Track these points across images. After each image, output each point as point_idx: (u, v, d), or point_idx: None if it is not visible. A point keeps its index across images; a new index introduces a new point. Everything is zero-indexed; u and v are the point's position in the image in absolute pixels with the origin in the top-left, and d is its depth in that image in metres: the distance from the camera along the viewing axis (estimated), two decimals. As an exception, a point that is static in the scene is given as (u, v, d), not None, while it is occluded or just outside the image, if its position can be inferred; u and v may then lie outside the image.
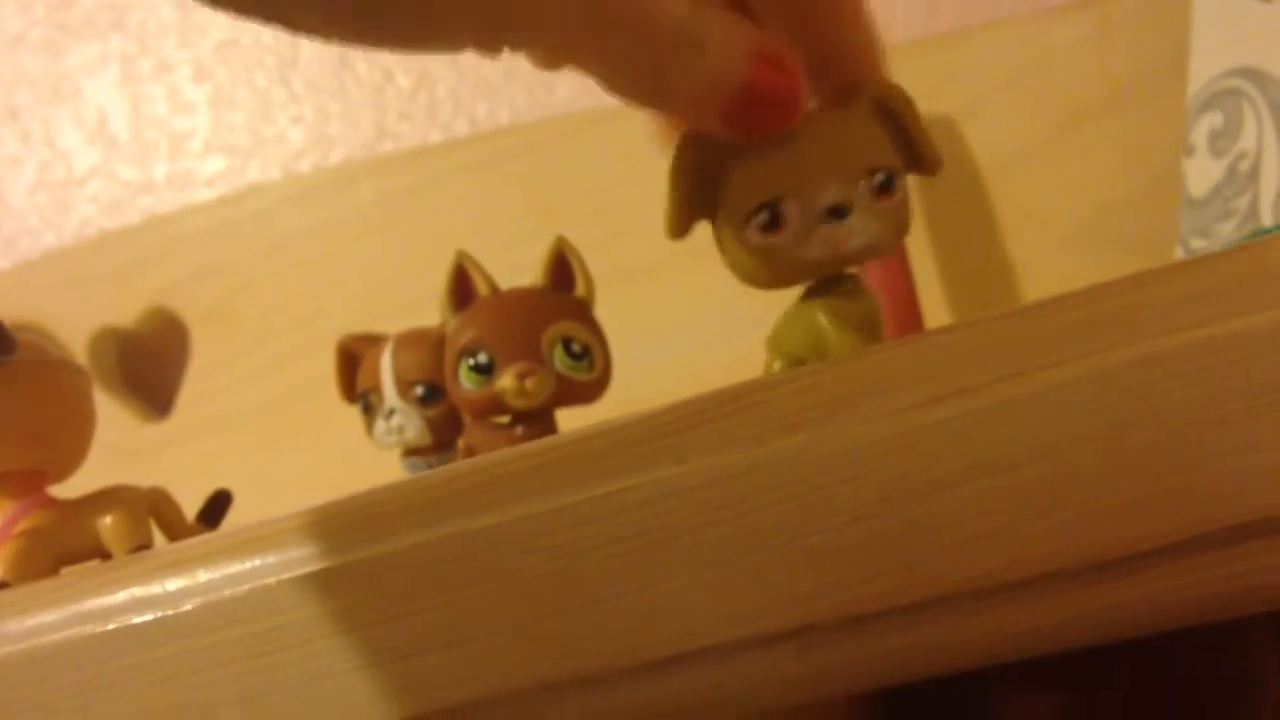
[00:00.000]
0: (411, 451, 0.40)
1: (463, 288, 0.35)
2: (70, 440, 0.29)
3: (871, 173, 0.24)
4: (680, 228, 0.26)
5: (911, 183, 0.25)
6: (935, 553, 0.19)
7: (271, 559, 0.21)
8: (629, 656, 0.19)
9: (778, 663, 0.19)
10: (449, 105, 0.67)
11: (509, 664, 0.20)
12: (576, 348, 0.34)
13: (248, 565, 0.21)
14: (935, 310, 0.53)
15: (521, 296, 0.35)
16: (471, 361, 0.34)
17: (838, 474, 0.19)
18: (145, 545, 0.28)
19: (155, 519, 0.29)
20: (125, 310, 0.68)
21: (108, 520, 0.28)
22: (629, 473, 0.20)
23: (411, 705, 0.21)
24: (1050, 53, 0.53)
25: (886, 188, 0.24)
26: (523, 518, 0.20)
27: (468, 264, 0.35)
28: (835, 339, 0.25)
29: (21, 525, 0.28)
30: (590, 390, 0.35)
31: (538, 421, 0.35)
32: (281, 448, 0.63)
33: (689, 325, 0.59)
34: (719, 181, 0.25)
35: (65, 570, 0.27)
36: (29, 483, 0.28)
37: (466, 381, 0.34)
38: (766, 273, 0.25)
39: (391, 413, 0.40)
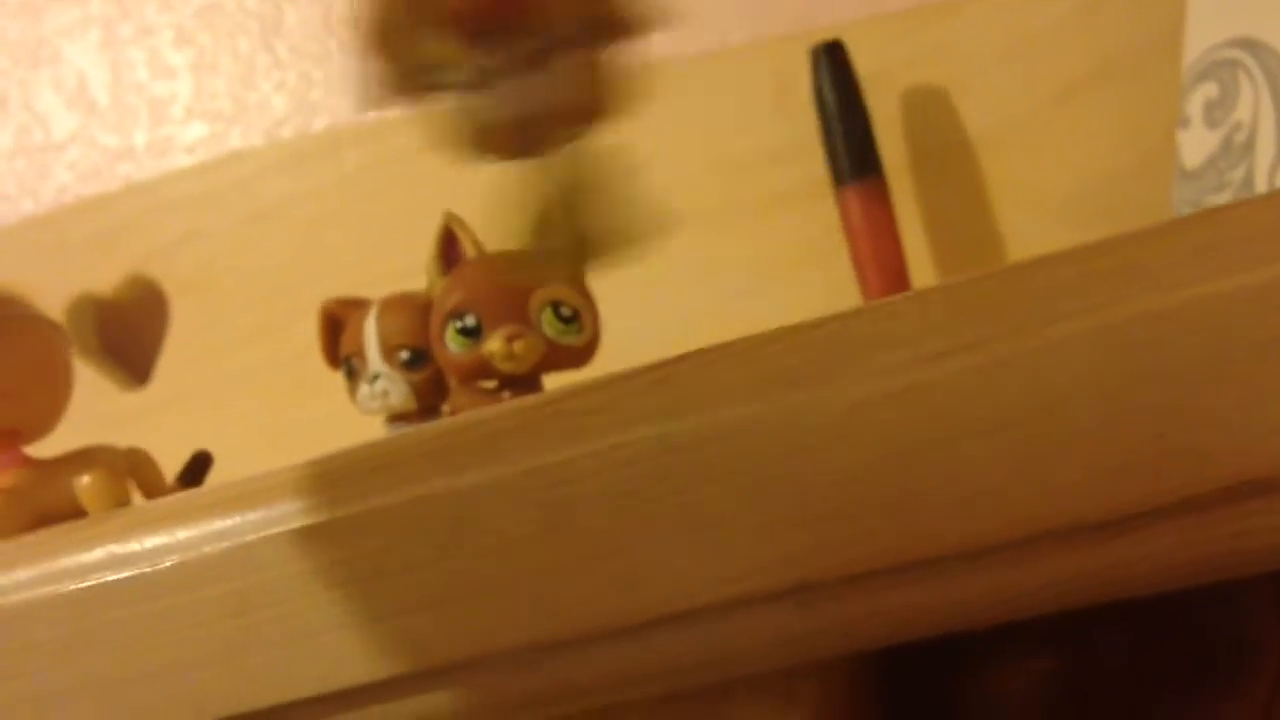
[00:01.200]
0: (396, 417, 0.40)
1: (450, 249, 0.35)
2: (46, 398, 0.28)
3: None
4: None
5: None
6: (932, 511, 0.19)
7: (253, 516, 0.21)
8: (620, 617, 0.19)
9: (772, 622, 0.19)
10: (435, 72, 0.66)
11: (496, 624, 0.20)
12: (566, 311, 0.34)
13: (228, 522, 0.21)
14: (925, 283, 0.53)
15: (511, 258, 0.34)
16: (459, 324, 0.33)
17: (834, 431, 0.19)
18: (123, 505, 0.28)
19: (134, 479, 0.29)
20: (104, 278, 0.67)
21: (85, 480, 0.27)
22: (619, 430, 0.19)
23: (395, 664, 0.20)
24: (1042, 25, 0.52)
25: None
26: (510, 475, 0.20)
27: (456, 225, 0.35)
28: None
29: (-3, 484, 0.27)
30: (579, 355, 0.34)
31: (525, 386, 0.34)
32: (263, 415, 0.62)
33: (670, 296, 0.58)
34: None
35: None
36: (4, 441, 0.28)
37: (453, 345, 0.34)
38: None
39: (376, 377, 0.39)
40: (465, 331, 0.33)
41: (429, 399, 0.39)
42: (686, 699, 0.22)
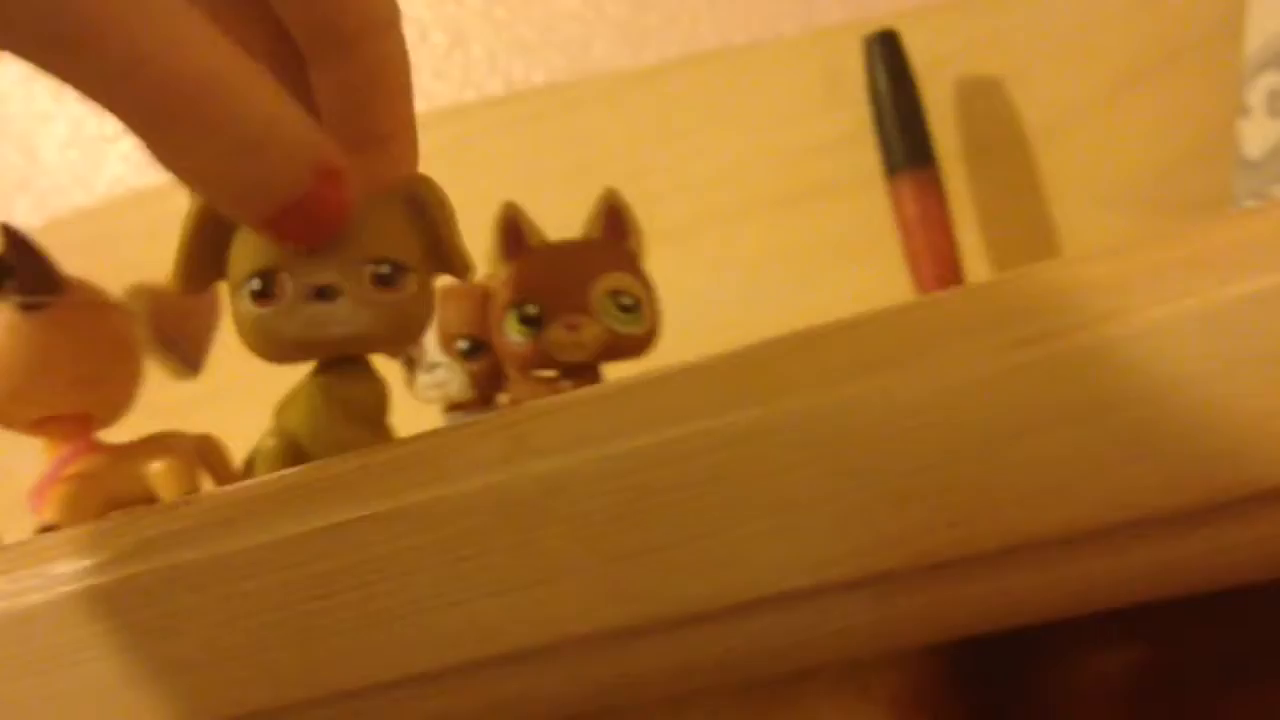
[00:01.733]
0: (453, 406, 0.40)
1: (512, 238, 0.34)
2: (119, 384, 0.28)
3: (376, 262, 0.24)
4: (184, 285, 0.26)
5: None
6: (1017, 499, 0.18)
7: (332, 501, 0.21)
8: (702, 602, 0.19)
9: (855, 610, 0.19)
10: (484, 64, 0.66)
11: (577, 609, 0.20)
12: (627, 300, 0.33)
13: (308, 507, 0.21)
14: (980, 275, 0.52)
15: (572, 248, 0.34)
16: (520, 313, 0.33)
17: (922, 416, 0.18)
18: (194, 492, 0.28)
19: (204, 466, 0.29)
20: (156, 269, 0.67)
21: (157, 466, 0.28)
22: (705, 415, 0.19)
23: (473, 649, 0.20)
24: (1100, 13, 0.52)
25: (388, 281, 0.24)
26: (593, 460, 0.19)
27: (517, 215, 0.35)
28: (325, 421, 0.25)
29: (71, 469, 0.27)
30: (639, 344, 0.34)
31: (585, 375, 0.34)
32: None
33: (722, 287, 0.58)
34: (228, 244, 0.25)
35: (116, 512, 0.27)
36: (77, 427, 0.28)
37: (514, 333, 0.34)
38: (259, 343, 0.25)
39: (434, 366, 0.39)
40: (526, 320, 0.33)
41: (487, 388, 0.39)
42: (763, 687, 0.21)
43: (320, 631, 0.20)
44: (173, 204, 0.72)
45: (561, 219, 0.34)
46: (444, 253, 0.26)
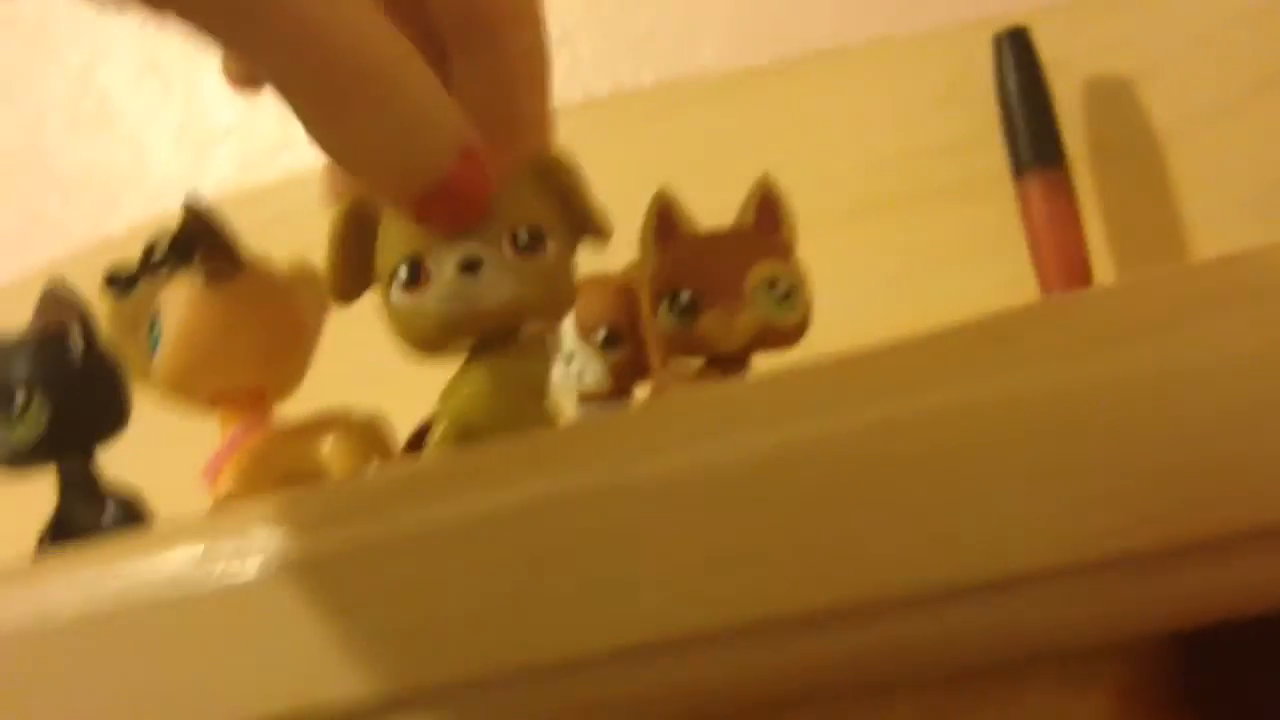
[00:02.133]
0: (588, 397, 0.39)
1: (665, 225, 0.34)
2: (294, 360, 0.28)
3: (515, 231, 0.24)
4: (342, 293, 0.26)
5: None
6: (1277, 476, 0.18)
7: (545, 473, 0.20)
8: (930, 582, 0.18)
9: (1090, 596, 0.18)
10: (591, 65, 0.66)
11: (791, 585, 0.19)
12: (782, 288, 0.33)
13: (520, 479, 0.21)
14: (1107, 278, 0.51)
15: (726, 235, 0.34)
16: (673, 300, 0.33)
17: (1172, 392, 0.18)
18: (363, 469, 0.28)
19: (372, 445, 0.29)
20: (263, 266, 0.68)
21: (329, 443, 0.28)
22: (943, 385, 0.18)
23: (685, 626, 0.20)
24: (1235, 12, 0.51)
25: (529, 247, 0.24)
26: (818, 432, 0.19)
27: (670, 202, 0.34)
28: (498, 401, 0.25)
29: (245, 444, 0.27)
30: (792, 334, 0.34)
31: (734, 365, 0.34)
32: (420, 409, 0.63)
33: (839, 287, 0.57)
34: (374, 247, 0.25)
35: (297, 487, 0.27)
36: (252, 402, 0.28)
37: (666, 321, 0.33)
38: (414, 332, 0.25)
39: (571, 357, 0.39)
40: (679, 308, 0.33)
41: (624, 380, 0.39)
42: (977, 677, 0.21)
43: (532, 603, 0.20)
44: (278, 204, 0.73)
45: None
46: (580, 217, 0.26)
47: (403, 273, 0.24)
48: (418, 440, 0.33)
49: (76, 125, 0.76)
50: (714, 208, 0.34)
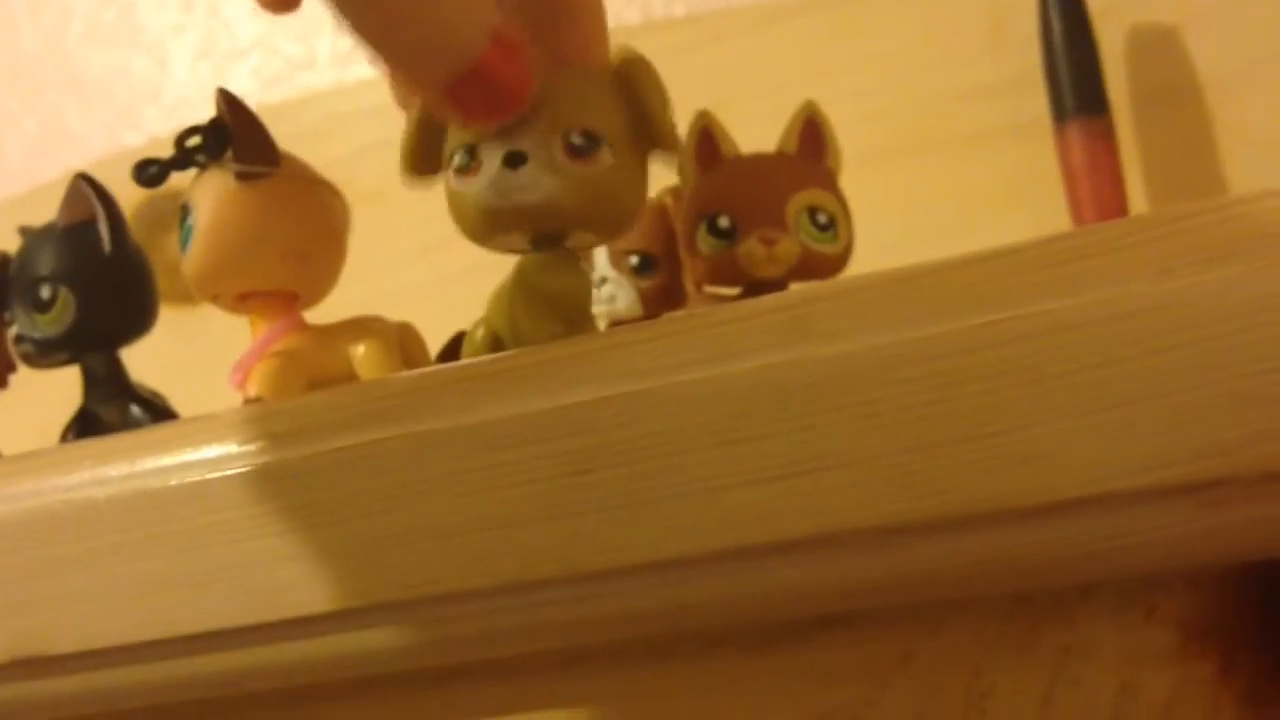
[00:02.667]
0: (619, 323, 0.39)
1: (705, 148, 0.33)
2: (326, 263, 0.28)
3: (568, 131, 0.23)
4: (413, 167, 0.26)
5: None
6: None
7: (597, 375, 0.20)
8: (1001, 500, 0.18)
9: (1175, 520, 0.18)
10: (622, -4, 0.65)
11: (853, 501, 0.19)
12: (823, 218, 0.32)
13: (571, 379, 0.20)
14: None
15: (769, 161, 0.33)
16: (711, 224, 0.32)
17: (1257, 315, 0.17)
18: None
19: (403, 353, 0.28)
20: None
21: (361, 348, 0.27)
22: (1013, 303, 0.18)
23: (737, 537, 0.19)
24: (1290, -38, 0.49)
25: (580, 151, 0.23)
26: (883, 346, 0.18)
27: (711, 124, 0.33)
28: (520, 313, 0.25)
29: (276, 346, 0.27)
30: (832, 264, 0.33)
31: (771, 294, 0.33)
32: (441, 329, 0.62)
33: (872, 231, 0.56)
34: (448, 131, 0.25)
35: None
36: (283, 304, 0.27)
37: (705, 245, 0.32)
38: (463, 219, 0.25)
39: (603, 282, 0.38)
40: (719, 233, 0.32)
41: (655, 306, 0.38)
42: (1038, 600, 0.20)
43: (576, 508, 0.20)
44: (298, 120, 0.72)
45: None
46: (652, 129, 0.25)
47: (458, 158, 0.24)
48: (452, 350, 0.32)
49: (98, 35, 0.74)
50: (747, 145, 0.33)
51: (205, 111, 0.76)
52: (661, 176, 0.34)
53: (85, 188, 0.29)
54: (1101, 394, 0.17)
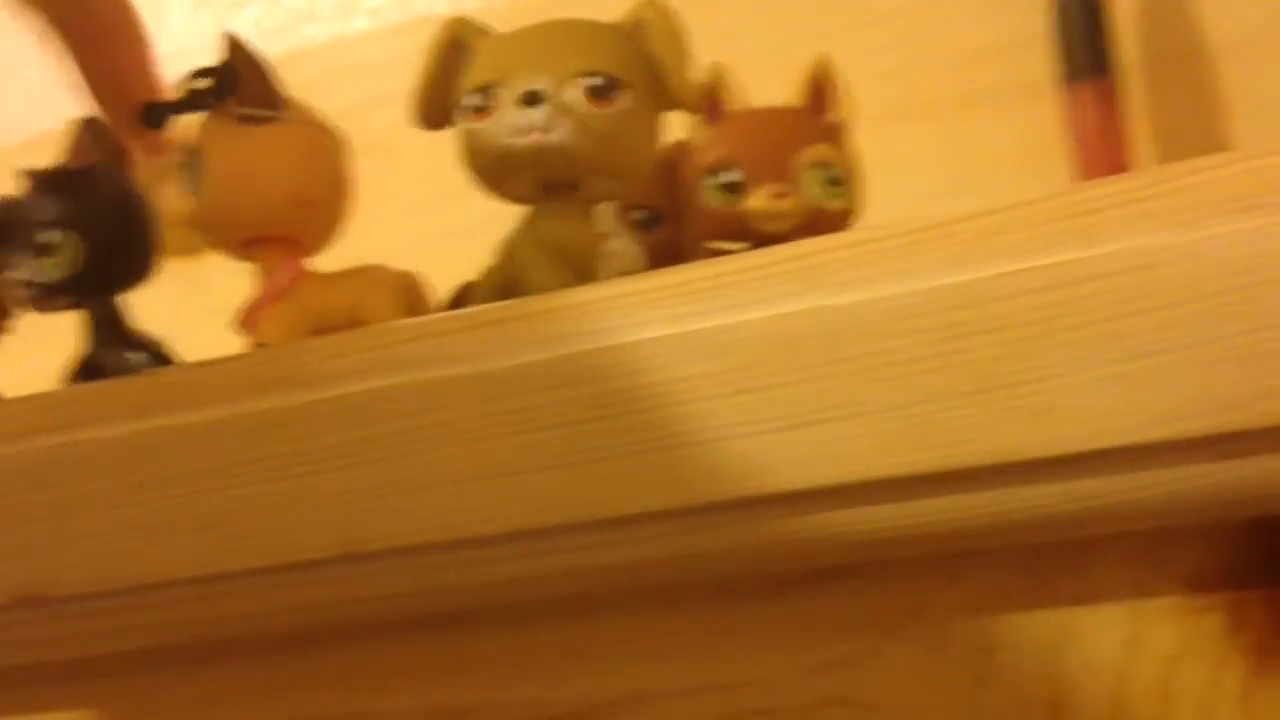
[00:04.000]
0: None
1: (714, 100, 0.33)
2: (331, 209, 0.27)
3: (588, 74, 0.24)
4: (425, 115, 0.26)
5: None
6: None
7: (604, 325, 0.20)
8: (1015, 452, 0.18)
9: (1190, 473, 0.18)
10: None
11: (876, 449, 0.19)
12: (833, 174, 0.32)
13: (577, 330, 0.20)
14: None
15: (778, 115, 0.33)
16: (720, 179, 0.32)
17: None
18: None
19: (405, 301, 0.28)
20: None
21: (366, 295, 0.27)
22: (1029, 254, 0.18)
23: (749, 485, 0.19)
24: (1304, -76, 0.49)
25: (600, 93, 0.23)
26: (898, 295, 0.18)
27: (721, 76, 0.33)
28: (522, 259, 0.25)
29: (282, 291, 0.27)
30: (840, 220, 0.33)
31: (777, 250, 0.33)
32: (443, 281, 0.62)
33: (876, 190, 0.56)
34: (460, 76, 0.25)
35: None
36: (288, 251, 0.27)
37: (712, 199, 0.32)
38: (476, 161, 0.25)
39: (606, 236, 0.38)
40: (726, 186, 0.32)
41: (660, 262, 0.38)
42: (1049, 553, 0.20)
43: (588, 455, 0.20)
44: (295, 73, 0.71)
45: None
46: (668, 81, 0.25)
47: (474, 99, 0.24)
48: (458, 303, 0.32)
49: (94, -18, 0.73)
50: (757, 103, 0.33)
51: (202, 62, 0.75)
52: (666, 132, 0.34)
53: (91, 131, 0.29)
54: (1118, 346, 0.17)
